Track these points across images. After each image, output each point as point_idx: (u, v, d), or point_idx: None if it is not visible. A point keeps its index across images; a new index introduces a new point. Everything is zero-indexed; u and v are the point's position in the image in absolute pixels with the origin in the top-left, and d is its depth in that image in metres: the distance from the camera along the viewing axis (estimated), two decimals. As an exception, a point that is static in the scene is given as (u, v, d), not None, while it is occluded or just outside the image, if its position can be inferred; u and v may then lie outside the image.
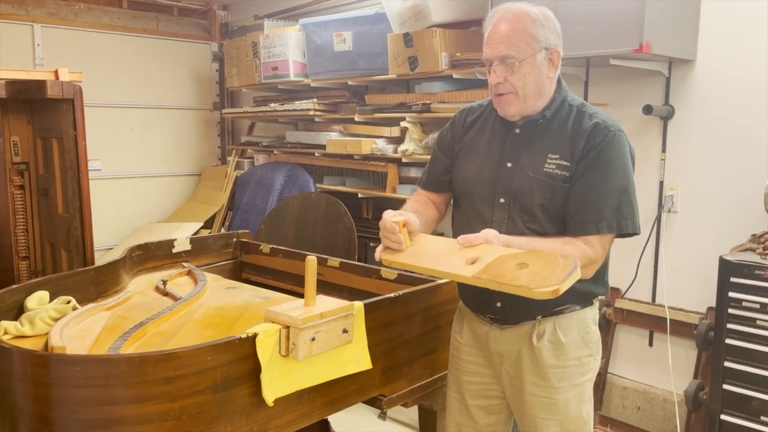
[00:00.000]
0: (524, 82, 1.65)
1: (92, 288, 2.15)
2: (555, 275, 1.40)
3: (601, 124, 1.66)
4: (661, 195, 2.95)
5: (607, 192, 1.63)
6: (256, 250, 2.86)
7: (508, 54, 1.63)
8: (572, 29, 2.71)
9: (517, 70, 1.64)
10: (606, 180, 1.63)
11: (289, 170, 4.29)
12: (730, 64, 2.73)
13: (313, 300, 1.67)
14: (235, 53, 4.61)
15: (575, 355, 1.73)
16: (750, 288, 2.39)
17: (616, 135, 1.65)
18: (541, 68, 1.66)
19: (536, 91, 1.68)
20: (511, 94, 1.67)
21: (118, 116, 4.86)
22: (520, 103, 1.68)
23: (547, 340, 1.72)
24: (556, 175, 1.66)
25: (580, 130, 1.67)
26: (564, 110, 1.72)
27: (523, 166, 1.70)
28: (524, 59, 1.63)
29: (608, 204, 1.62)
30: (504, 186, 1.72)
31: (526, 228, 1.69)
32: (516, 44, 1.63)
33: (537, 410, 1.74)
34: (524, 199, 1.69)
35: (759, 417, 2.37)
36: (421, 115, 3.47)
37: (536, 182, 1.67)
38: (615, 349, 3.19)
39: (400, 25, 3.46)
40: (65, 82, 2.68)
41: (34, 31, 4.45)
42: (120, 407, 1.43)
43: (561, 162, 1.66)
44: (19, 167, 2.92)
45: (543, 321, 1.72)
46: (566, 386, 1.73)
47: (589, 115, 1.69)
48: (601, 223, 1.62)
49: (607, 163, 1.63)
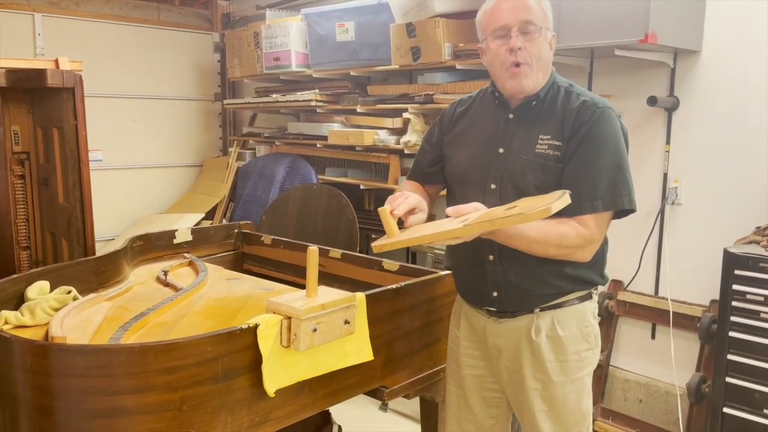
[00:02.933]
0: (539, 54, 1.65)
1: (93, 278, 2.15)
2: (544, 201, 1.42)
3: (588, 101, 1.65)
4: (665, 187, 2.94)
5: (601, 169, 1.60)
6: (258, 241, 2.85)
7: (530, 19, 1.62)
8: (577, 19, 2.69)
9: (536, 39, 1.63)
10: (599, 157, 1.61)
11: (291, 161, 4.27)
12: (735, 55, 2.71)
13: (315, 291, 1.66)
14: (236, 43, 4.59)
15: (574, 350, 1.72)
16: (754, 280, 2.37)
17: (605, 111, 1.63)
18: (549, 45, 1.68)
19: (544, 67, 1.68)
20: (526, 66, 1.65)
21: (120, 107, 4.84)
22: (533, 76, 1.66)
23: (546, 334, 1.70)
24: (549, 155, 1.65)
25: (568, 109, 1.66)
26: (553, 91, 1.71)
27: (516, 149, 1.69)
28: (542, 27, 1.64)
29: (602, 181, 1.60)
30: (495, 171, 1.71)
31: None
32: (535, 13, 1.63)
33: (536, 404, 1.74)
34: (517, 181, 1.67)
35: (762, 410, 2.36)
36: (424, 106, 3.45)
37: (528, 164, 1.66)
38: (617, 342, 3.18)
39: (402, 15, 3.44)
40: (66, 71, 2.67)
41: (34, 21, 4.43)
42: (121, 397, 1.42)
43: (552, 142, 1.65)
44: (20, 157, 2.91)
45: (541, 314, 1.71)
46: (565, 380, 1.72)
47: (577, 94, 1.68)
48: (596, 201, 1.60)
49: (597, 140, 1.61)
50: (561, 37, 2.73)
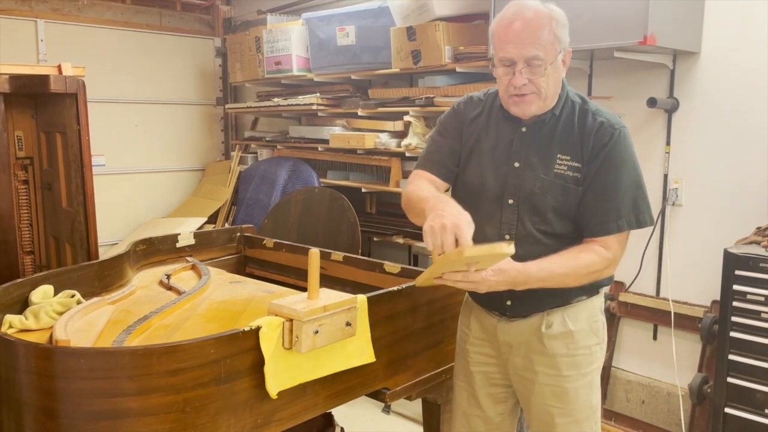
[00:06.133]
0: (548, 84, 1.63)
1: (96, 282, 2.16)
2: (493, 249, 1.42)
3: (606, 123, 1.66)
4: (665, 188, 2.94)
5: (623, 190, 1.64)
6: (260, 245, 2.86)
7: (537, 55, 1.58)
8: (576, 21, 2.69)
9: (543, 72, 1.60)
10: (620, 179, 1.64)
11: (293, 165, 4.28)
12: (734, 56, 2.72)
13: (317, 293, 1.67)
14: (238, 48, 4.61)
15: (585, 344, 1.74)
16: (755, 281, 2.37)
17: (621, 132, 1.66)
18: (559, 69, 1.65)
19: (554, 92, 1.67)
20: (533, 95, 1.64)
21: (122, 111, 4.86)
22: (540, 103, 1.66)
23: (556, 330, 1.72)
24: (568, 177, 1.66)
25: (586, 130, 1.66)
26: (567, 107, 1.70)
27: (533, 166, 1.68)
28: (552, 62, 1.61)
29: (625, 201, 1.64)
30: (513, 187, 1.70)
31: (535, 229, 1.68)
32: (544, 46, 1.59)
33: (548, 399, 1.75)
34: (536, 201, 1.67)
35: (763, 410, 2.36)
36: (425, 109, 3.46)
37: (549, 184, 1.66)
38: (619, 343, 3.18)
39: (403, 19, 3.45)
40: (68, 77, 2.68)
41: (37, 27, 4.46)
42: (124, 399, 1.44)
43: (572, 163, 1.66)
44: (23, 162, 2.92)
45: (552, 312, 1.73)
46: (576, 375, 1.74)
47: (593, 113, 1.68)
48: (621, 220, 1.64)
49: (618, 163, 1.64)
50: (560, 39, 2.75)
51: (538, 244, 1.67)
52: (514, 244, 1.40)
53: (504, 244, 1.40)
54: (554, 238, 1.68)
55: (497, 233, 1.71)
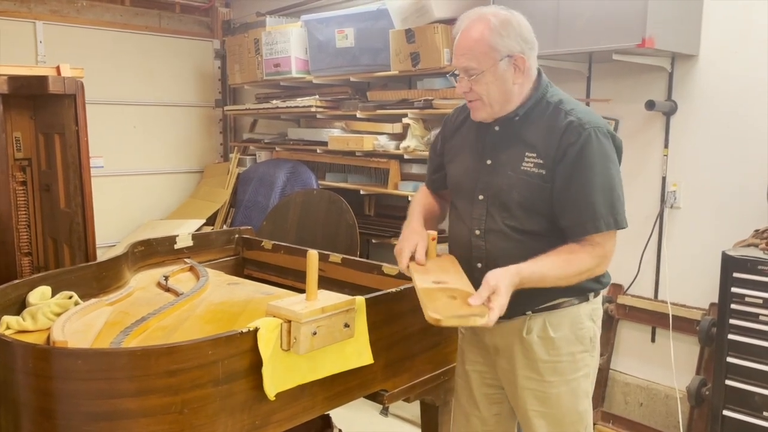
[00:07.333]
0: (488, 91, 1.66)
1: (94, 283, 2.15)
2: (451, 309, 1.50)
3: (575, 122, 1.63)
4: (663, 191, 2.94)
5: (596, 191, 1.62)
6: (258, 247, 2.86)
7: (468, 66, 1.66)
8: (575, 24, 2.70)
9: (479, 80, 1.65)
10: (592, 179, 1.62)
11: (292, 167, 4.28)
12: (733, 59, 2.72)
13: (315, 294, 1.67)
14: (237, 50, 4.61)
15: (567, 351, 1.73)
16: (753, 283, 2.38)
17: (592, 133, 1.62)
18: (505, 76, 1.66)
19: (501, 98, 1.68)
20: (478, 101, 1.69)
21: (121, 113, 4.86)
22: (487, 110, 1.70)
23: (537, 335, 1.73)
24: (533, 173, 1.67)
25: (554, 128, 1.66)
26: (541, 107, 1.70)
27: (503, 163, 1.72)
28: (484, 70, 1.64)
29: (599, 202, 1.62)
30: (484, 183, 1.74)
31: (504, 225, 1.70)
32: (475, 56, 1.64)
33: (530, 403, 1.76)
34: (503, 197, 1.70)
35: (761, 412, 2.36)
36: (423, 111, 3.46)
37: (515, 180, 1.69)
38: (617, 346, 3.18)
39: (401, 21, 3.46)
40: (67, 78, 2.68)
41: (36, 29, 4.45)
42: (122, 400, 1.43)
43: (537, 160, 1.67)
44: (22, 163, 2.92)
45: (534, 316, 1.73)
46: (559, 381, 1.73)
47: (566, 112, 1.66)
48: (599, 221, 1.62)
49: (588, 164, 1.62)
50: (559, 42, 2.76)
51: (507, 240, 1.70)
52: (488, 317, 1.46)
53: (478, 318, 1.47)
54: (524, 234, 1.69)
55: (468, 228, 1.76)
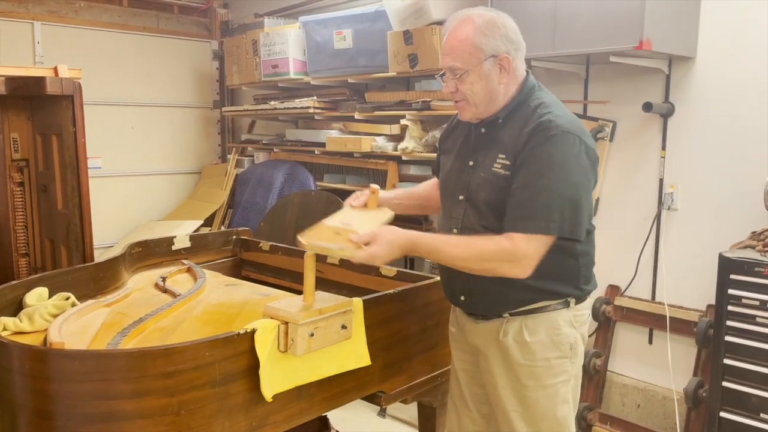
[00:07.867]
0: (473, 91, 1.68)
1: (91, 284, 2.15)
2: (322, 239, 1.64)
3: (544, 123, 1.61)
4: (661, 192, 2.95)
5: (539, 191, 1.58)
6: (256, 248, 2.85)
7: (453, 65, 1.67)
8: (572, 26, 2.71)
9: (464, 79, 1.67)
10: (539, 179, 1.59)
11: (290, 168, 4.29)
12: (730, 61, 2.73)
13: (312, 296, 1.67)
14: (235, 51, 4.61)
15: (543, 356, 1.72)
16: (750, 285, 2.38)
17: (560, 135, 1.59)
18: (490, 76, 1.66)
19: (486, 98, 1.69)
20: (464, 101, 1.71)
21: (119, 114, 4.86)
22: (472, 109, 1.72)
23: (513, 338, 1.73)
24: (500, 175, 1.67)
25: (525, 130, 1.64)
26: (522, 110, 1.70)
27: (481, 165, 1.74)
28: (469, 69, 1.65)
29: (537, 203, 1.58)
30: (463, 183, 1.77)
31: (479, 225, 1.72)
32: (460, 55, 1.65)
33: (507, 404, 1.77)
34: (474, 197, 1.73)
35: (758, 414, 2.36)
36: (421, 112, 3.47)
37: (483, 180, 1.71)
38: (614, 347, 3.19)
39: (399, 23, 3.46)
40: (65, 79, 2.68)
41: (34, 29, 4.46)
42: (119, 402, 1.43)
43: (505, 161, 1.67)
44: (19, 164, 2.92)
45: (511, 319, 1.73)
46: (535, 385, 1.73)
47: (540, 114, 1.64)
48: (529, 222, 1.58)
49: (542, 162, 1.59)
50: (557, 44, 2.76)
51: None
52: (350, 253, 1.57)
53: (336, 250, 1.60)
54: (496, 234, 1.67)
55: (449, 226, 1.79)
